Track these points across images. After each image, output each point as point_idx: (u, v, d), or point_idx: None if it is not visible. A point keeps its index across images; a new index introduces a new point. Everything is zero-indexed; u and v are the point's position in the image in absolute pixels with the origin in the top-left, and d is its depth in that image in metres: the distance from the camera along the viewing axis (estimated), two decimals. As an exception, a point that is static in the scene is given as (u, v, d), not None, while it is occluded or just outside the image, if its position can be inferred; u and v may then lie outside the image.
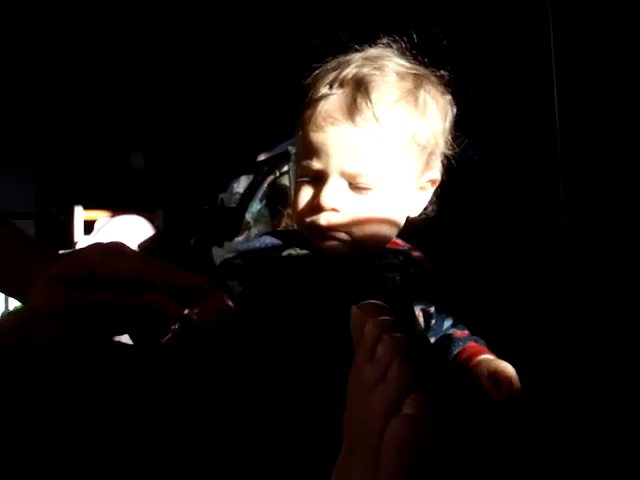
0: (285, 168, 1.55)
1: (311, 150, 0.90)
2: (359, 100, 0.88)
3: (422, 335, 0.97)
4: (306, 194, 0.92)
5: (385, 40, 0.97)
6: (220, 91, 2.90)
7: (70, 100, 3.68)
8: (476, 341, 1.00)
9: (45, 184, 4.13)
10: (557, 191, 1.40)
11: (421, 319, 0.98)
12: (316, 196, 0.90)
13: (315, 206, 0.90)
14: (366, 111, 0.87)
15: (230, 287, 0.89)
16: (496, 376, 0.92)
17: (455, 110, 0.98)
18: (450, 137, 0.98)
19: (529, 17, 1.50)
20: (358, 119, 0.87)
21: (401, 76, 0.92)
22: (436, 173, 0.96)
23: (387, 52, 0.96)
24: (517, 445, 0.99)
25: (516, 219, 1.45)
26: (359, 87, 0.89)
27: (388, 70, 0.92)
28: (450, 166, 1.00)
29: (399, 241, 1.00)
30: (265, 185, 1.55)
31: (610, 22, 1.35)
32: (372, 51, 0.96)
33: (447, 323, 1.03)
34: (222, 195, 1.75)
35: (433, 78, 0.96)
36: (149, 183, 3.40)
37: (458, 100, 0.99)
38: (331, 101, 0.90)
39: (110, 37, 3.31)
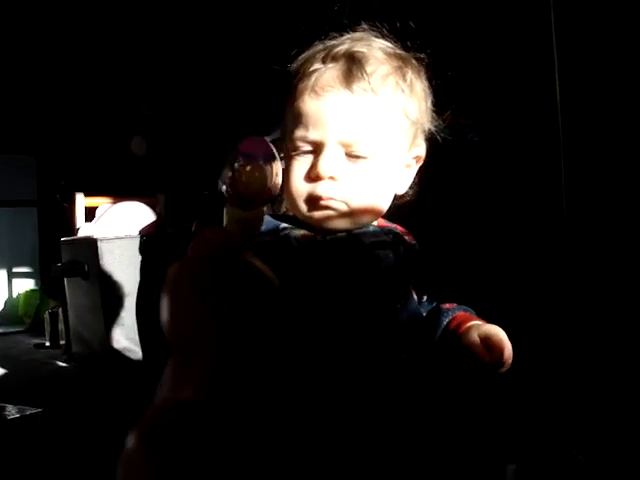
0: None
1: (307, 120, 0.91)
2: (355, 71, 0.90)
3: (417, 313, 0.96)
4: (302, 165, 0.92)
5: (365, 26, 0.98)
6: (220, 75, 2.89)
7: (71, 87, 3.68)
8: (465, 310, 1.00)
9: (47, 171, 4.13)
10: (558, 173, 1.40)
11: (415, 297, 0.98)
12: (313, 166, 0.90)
13: (313, 176, 0.90)
14: (362, 81, 0.89)
15: None
16: (487, 340, 0.92)
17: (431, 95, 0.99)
18: (434, 117, 0.99)
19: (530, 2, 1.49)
20: (355, 87, 0.89)
21: (388, 54, 0.95)
22: (421, 150, 0.98)
23: (370, 35, 0.98)
24: (515, 427, 0.99)
25: (516, 201, 1.45)
26: (352, 60, 0.91)
27: (376, 48, 0.94)
28: (448, 147, 1.01)
29: (384, 221, 1.00)
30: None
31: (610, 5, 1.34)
32: (356, 34, 0.98)
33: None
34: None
35: (414, 61, 0.98)
36: (150, 168, 3.39)
37: (459, 82, 1.00)
38: (326, 72, 0.91)
39: (111, 23, 3.30)
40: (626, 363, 1.20)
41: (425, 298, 1.00)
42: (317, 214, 0.92)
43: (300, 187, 0.92)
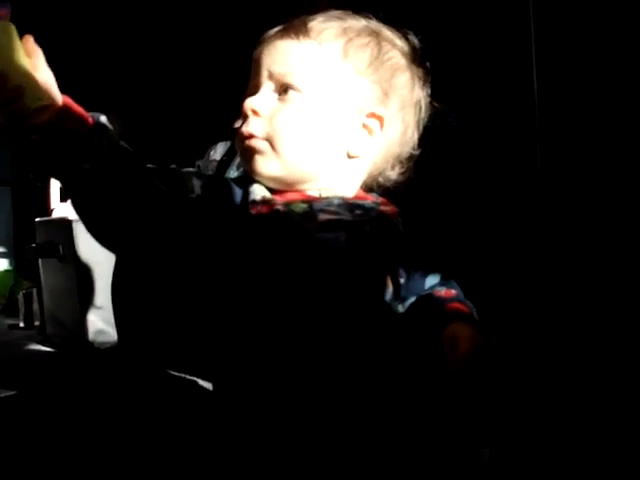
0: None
1: (251, 71, 0.92)
2: (296, 22, 0.92)
3: (386, 308, 0.94)
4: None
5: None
6: (197, 55, 2.86)
7: (48, 62, 3.61)
8: (460, 301, 0.98)
9: (21, 150, 4.06)
10: (535, 157, 1.40)
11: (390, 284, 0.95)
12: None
13: (242, 115, 0.90)
14: (299, 25, 0.91)
15: None
16: (456, 346, 0.91)
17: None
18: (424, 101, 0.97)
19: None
20: (292, 33, 0.90)
21: (348, 22, 0.94)
22: (383, 111, 0.93)
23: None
24: (489, 411, 1.00)
25: (494, 186, 1.46)
26: (304, 23, 0.92)
27: (338, 18, 0.94)
28: (428, 133, 0.99)
29: (370, 195, 0.97)
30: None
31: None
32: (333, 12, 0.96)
33: (431, 281, 1.01)
34: (199, 162, 1.73)
35: (388, 33, 0.96)
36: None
37: (438, 68, 0.98)
38: (274, 30, 0.93)
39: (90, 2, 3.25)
40: (597, 352, 1.21)
41: (403, 280, 0.97)
42: (246, 161, 0.91)
43: (237, 137, 0.92)
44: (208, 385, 1.80)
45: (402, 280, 0.96)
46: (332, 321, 0.86)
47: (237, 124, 0.94)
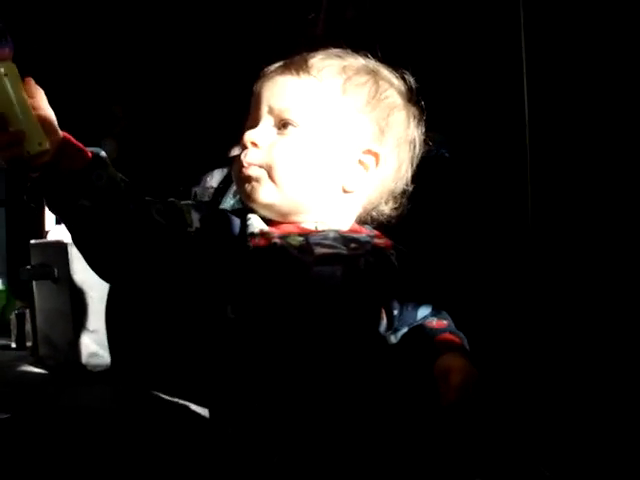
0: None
1: (251, 105, 0.94)
2: (297, 59, 0.94)
3: (380, 340, 0.96)
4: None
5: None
6: (195, 81, 2.89)
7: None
8: (451, 332, 1.00)
9: (16, 176, 4.06)
10: (525, 185, 1.42)
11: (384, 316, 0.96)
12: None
13: (241, 146, 0.91)
14: (299, 62, 0.93)
15: None
16: (448, 377, 0.93)
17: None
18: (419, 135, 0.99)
19: (501, 17, 1.52)
20: (292, 69, 0.92)
21: (348, 61, 0.95)
22: (379, 148, 0.94)
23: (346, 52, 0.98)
24: (482, 442, 1.01)
25: (486, 212, 1.48)
26: (301, 57, 0.94)
27: (337, 55, 0.96)
28: (421, 164, 1.01)
29: (364, 228, 0.98)
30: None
31: (581, 27, 1.37)
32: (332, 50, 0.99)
33: (423, 311, 1.01)
34: (196, 189, 1.75)
35: (386, 73, 0.98)
36: (121, 172, 3.36)
37: (430, 98, 1.00)
38: (275, 66, 0.95)
39: (84, 22, 3.27)
40: (592, 380, 1.23)
41: (396, 312, 0.98)
42: (243, 189, 0.92)
43: (234, 166, 0.93)
44: (200, 410, 1.81)
45: (395, 312, 0.97)
46: (328, 354, 0.87)
47: (234, 152, 0.96)
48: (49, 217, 2.82)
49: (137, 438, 1.66)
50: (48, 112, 0.79)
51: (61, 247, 2.33)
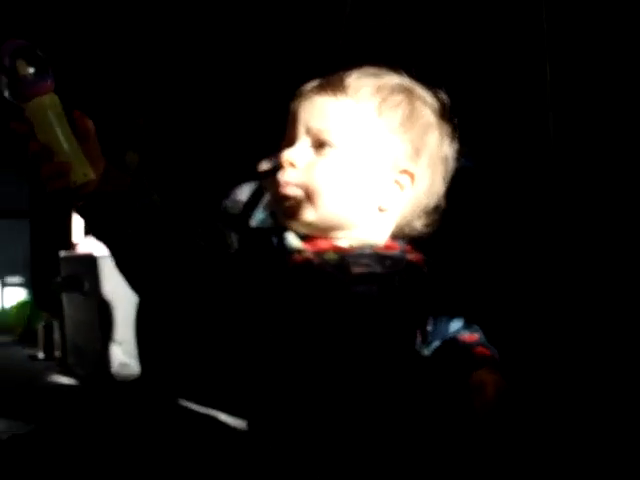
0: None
1: (288, 124, 0.96)
2: (333, 79, 0.96)
3: (416, 356, 0.98)
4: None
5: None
6: (220, 90, 2.91)
7: (63, 98, 3.66)
8: (483, 345, 1.02)
9: (40, 182, 4.11)
10: (552, 194, 1.43)
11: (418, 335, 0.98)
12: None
13: (280, 166, 0.93)
14: (336, 82, 0.94)
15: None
16: (481, 389, 0.95)
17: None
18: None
19: (523, 24, 1.53)
20: (329, 89, 0.94)
21: (386, 83, 0.97)
22: (415, 168, 0.96)
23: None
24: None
25: (514, 223, 1.49)
26: (341, 79, 0.95)
27: (373, 75, 0.97)
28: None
29: (397, 243, 0.99)
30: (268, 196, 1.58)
31: (603, 36, 1.39)
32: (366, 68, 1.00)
33: (455, 325, 1.04)
34: (226, 202, 1.77)
35: (419, 91, 0.99)
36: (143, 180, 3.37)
37: (453, 110, 1.03)
38: (311, 85, 0.97)
39: (104, 35, 3.30)
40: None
41: (430, 328, 1.01)
42: (281, 208, 0.93)
43: (272, 184, 0.95)
44: (229, 419, 1.83)
45: (429, 327, 1.00)
46: (364, 372, 0.90)
47: (263, 167, 0.98)
48: (76, 229, 2.86)
49: (165, 446, 1.68)
50: (95, 145, 0.81)
51: (90, 260, 2.37)
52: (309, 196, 0.92)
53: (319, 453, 0.87)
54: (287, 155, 0.93)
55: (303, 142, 0.94)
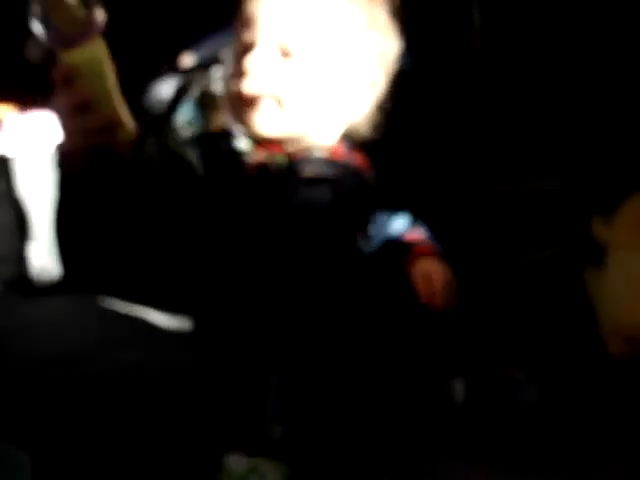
0: (217, 74, 1.51)
1: (243, 22, 0.92)
2: None
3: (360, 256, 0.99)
4: (236, 66, 0.92)
5: None
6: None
7: None
8: (429, 241, 1.05)
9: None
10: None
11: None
12: (241, 64, 0.91)
13: (242, 73, 0.90)
14: None
15: None
16: (426, 278, 0.98)
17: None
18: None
19: None
20: None
21: None
22: (377, 72, 0.98)
23: None
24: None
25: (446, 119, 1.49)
26: None
27: None
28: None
29: (342, 147, 1.00)
30: (195, 92, 1.51)
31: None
32: None
33: (397, 224, 1.07)
34: (147, 100, 1.69)
35: None
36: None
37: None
38: None
39: None
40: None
41: (374, 230, 1.02)
42: (248, 116, 0.92)
43: (232, 86, 0.92)
44: (159, 316, 1.81)
45: (373, 230, 1.01)
46: (309, 270, 0.91)
47: (185, 63, 0.94)
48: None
49: (93, 352, 1.65)
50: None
51: (2, 162, 2.26)
52: (282, 107, 0.89)
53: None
54: (252, 63, 0.89)
55: (266, 48, 0.89)
